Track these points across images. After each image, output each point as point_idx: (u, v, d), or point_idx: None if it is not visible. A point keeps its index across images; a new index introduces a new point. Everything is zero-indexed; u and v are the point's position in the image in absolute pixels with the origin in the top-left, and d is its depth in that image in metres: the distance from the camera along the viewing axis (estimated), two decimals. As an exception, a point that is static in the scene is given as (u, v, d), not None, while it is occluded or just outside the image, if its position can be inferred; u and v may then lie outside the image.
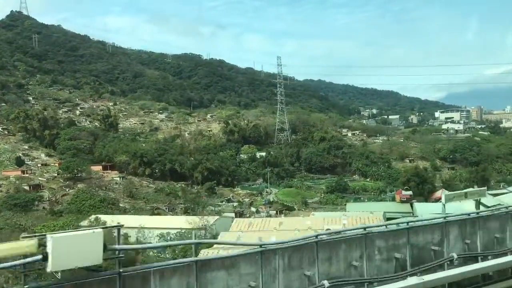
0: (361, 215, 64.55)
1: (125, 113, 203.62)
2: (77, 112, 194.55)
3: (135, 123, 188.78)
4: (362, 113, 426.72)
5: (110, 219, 70.95)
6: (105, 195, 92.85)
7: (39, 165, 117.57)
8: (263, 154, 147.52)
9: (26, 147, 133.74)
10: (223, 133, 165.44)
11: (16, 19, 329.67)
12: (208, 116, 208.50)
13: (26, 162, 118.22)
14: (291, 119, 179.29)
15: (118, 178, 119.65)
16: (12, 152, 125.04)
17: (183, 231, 64.35)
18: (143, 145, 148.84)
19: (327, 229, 34.28)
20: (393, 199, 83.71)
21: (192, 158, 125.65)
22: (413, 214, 67.98)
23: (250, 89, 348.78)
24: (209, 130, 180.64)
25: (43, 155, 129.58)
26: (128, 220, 70.54)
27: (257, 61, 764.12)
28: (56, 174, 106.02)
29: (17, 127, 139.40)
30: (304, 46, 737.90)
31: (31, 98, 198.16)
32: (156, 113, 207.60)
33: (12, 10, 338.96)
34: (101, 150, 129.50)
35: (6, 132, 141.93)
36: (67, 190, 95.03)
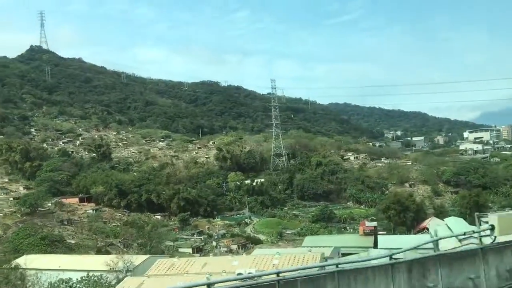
0: (299, 253, 56.75)
1: (125, 142, 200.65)
2: (77, 143, 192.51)
3: (133, 152, 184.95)
4: (386, 135, 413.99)
5: (37, 259, 65.40)
6: (51, 231, 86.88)
7: (10, 199, 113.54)
8: (259, 180, 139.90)
9: (6, 179, 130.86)
10: (216, 160, 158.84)
11: (35, 53, 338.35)
12: (210, 142, 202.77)
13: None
14: (290, 143, 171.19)
15: (91, 211, 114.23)
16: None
17: (101, 273, 57.15)
18: (135, 174, 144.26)
19: (238, 273, 32.44)
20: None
21: (167, 189, 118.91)
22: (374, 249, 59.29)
23: (266, 114, 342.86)
24: (206, 157, 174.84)
25: (21, 188, 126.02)
26: (54, 261, 64.72)
27: (279, 87, 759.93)
28: (14, 210, 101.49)
29: (0, 159, 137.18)
30: (331, 70, 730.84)
31: (33, 130, 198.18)
32: (157, 141, 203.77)
33: (31, 45, 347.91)
34: (79, 182, 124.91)
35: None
36: (19, 226, 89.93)
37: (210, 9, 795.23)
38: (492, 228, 14.41)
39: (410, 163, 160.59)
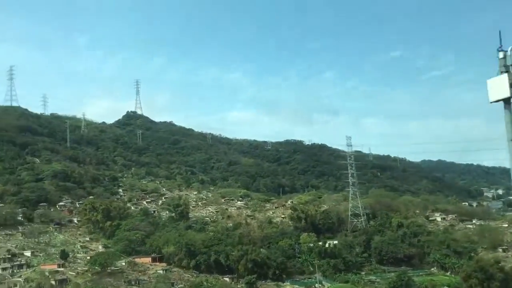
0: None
1: (205, 201, 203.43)
2: (160, 202, 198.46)
3: (211, 212, 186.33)
4: (485, 194, 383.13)
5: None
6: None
7: (88, 257, 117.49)
8: (332, 242, 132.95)
9: (88, 238, 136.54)
10: (290, 219, 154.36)
11: (130, 118, 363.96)
12: (288, 202, 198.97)
13: (77, 254, 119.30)
14: (370, 203, 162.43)
15: (161, 271, 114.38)
16: (71, 244, 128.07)
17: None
18: (211, 233, 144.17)
19: None
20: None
21: (236, 249, 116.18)
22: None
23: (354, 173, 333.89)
24: (282, 217, 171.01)
25: (100, 247, 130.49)
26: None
27: (367, 144, 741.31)
28: (86, 269, 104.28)
29: (83, 218, 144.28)
30: (423, 126, 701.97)
31: (121, 190, 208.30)
32: (236, 201, 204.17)
33: (128, 111, 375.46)
34: (152, 241, 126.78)
35: (76, 224, 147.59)
36: (87, 285, 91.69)
37: (297, 71, 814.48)
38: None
39: (506, 225, 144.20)
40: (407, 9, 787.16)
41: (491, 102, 12.66)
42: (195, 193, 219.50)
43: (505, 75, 12.00)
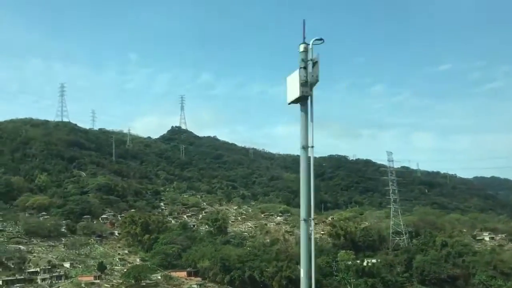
0: None
1: (244, 216, 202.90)
2: (200, 217, 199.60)
3: (250, 227, 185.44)
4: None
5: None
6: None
7: (124, 270, 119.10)
8: (371, 260, 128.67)
9: (127, 251, 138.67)
10: (329, 236, 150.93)
11: (175, 133, 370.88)
12: (329, 218, 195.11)
13: (115, 266, 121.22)
14: (413, 221, 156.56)
15: (195, 285, 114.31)
16: (110, 257, 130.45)
17: None
18: (248, 249, 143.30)
19: None
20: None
21: (271, 266, 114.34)
22: None
23: (398, 189, 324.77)
24: (321, 234, 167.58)
25: (138, 260, 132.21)
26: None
27: (415, 160, 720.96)
28: (121, 281, 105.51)
29: (123, 231, 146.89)
30: (476, 141, 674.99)
31: (162, 204, 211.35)
32: (275, 216, 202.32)
33: (172, 126, 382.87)
34: (188, 255, 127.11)
35: (117, 236, 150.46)
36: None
37: (345, 84, 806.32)
38: None
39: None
40: (458, 20, 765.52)
41: (289, 104, 10.64)
42: (235, 207, 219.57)
43: (298, 72, 9.68)
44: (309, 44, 9.84)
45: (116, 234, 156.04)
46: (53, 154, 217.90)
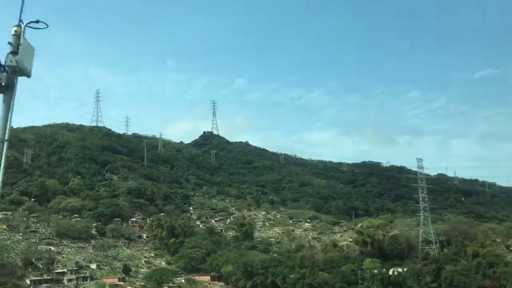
0: None
1: (272, 222, 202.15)
2: (228, 221, 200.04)
3: (277, 232, 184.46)
4: None
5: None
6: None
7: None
8: (397, 269, 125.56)
9: (153, 254, 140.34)
10: (356, 244, 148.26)
11: (207, 138, 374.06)
12: (358, 225, 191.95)
13: (140, 269, 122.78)
14: (444, 229, 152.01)
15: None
16: (137, 259, 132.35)
17: None
18: (275, 255, 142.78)
19: None
20: None
21: (294, 272, 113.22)
22: None
23: (430, 196, 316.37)
24: (349, 241, 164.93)
25: (163, 263, 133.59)
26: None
27: (453, 167, 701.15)
28: (143, 284, 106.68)
29: (150, 235, 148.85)
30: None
31: (191, 208, 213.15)
32: (303, 222, 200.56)
33: (204, 131, 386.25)
34: (212, 260, 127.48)
35: (145, 239, 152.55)
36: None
37: (381, 90, 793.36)
38: None
39: None
40: (498, 25, 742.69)
41: None
42: (263, 213, 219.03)
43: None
44: (22, 25, 8.73)
45: (144, 237, 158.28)
46: (87, 158, 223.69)
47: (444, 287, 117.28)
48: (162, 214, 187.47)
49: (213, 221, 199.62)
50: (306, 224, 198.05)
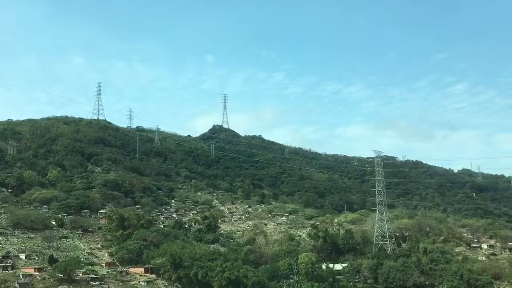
0: None
1: (248, 215, 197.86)
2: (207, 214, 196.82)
3: (248, 226, 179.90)
4: None
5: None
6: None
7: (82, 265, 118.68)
8: (341, 266, 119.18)
9: (99, 245, 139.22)
10: (310, 238, 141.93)
11: (216, 132, 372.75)
12: (335, 220, 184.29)
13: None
14: (408, 224, 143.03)
15: (143, 282, 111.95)
16: (80, 250, 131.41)
17: None
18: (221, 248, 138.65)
19: None
20: None
21: (216, 265, 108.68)
22: None
23: (439, 192, 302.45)
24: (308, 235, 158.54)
25: (106, 254, 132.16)
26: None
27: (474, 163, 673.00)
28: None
29: (104, 227, 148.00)
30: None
31: (174, 201, 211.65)
32: (281, 217, 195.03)
33: (214, 124, 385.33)
34: (148, 252, 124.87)
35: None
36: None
37: (424, 83, 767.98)
38: None
39: None
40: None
41: None
42: (246, 206, 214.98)
43: None
44: None
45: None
46: (74, 150, 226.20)
47: (381, 283, 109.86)
48: (137, 206, 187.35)
49: (190, 214, 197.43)
50: (282, 218, 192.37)
